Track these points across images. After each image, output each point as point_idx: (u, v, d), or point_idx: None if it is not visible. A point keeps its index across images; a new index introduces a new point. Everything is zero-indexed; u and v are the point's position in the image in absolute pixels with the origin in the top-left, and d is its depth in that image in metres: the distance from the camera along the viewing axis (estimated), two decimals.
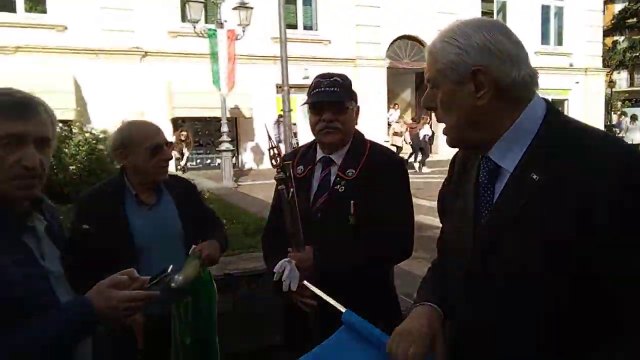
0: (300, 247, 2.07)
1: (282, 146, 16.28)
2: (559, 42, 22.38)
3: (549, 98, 1.98)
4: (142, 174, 2.29)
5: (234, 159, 15.71)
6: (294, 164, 2.22)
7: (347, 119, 2.15)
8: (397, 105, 20.37)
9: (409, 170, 2.38)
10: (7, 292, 1.35)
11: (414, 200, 2.31)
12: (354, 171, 2.14)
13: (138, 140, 2.25)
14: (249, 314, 4.01)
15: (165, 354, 2.11)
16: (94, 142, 6.35)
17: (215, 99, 13.36)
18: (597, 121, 21.26)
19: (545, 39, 21.93)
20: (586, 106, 22.35)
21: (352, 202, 2.09)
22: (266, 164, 17.04)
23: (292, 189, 2.04)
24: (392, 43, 19.25)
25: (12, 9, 14.31)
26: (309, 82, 2.34)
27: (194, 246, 2.24)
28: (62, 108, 12.39)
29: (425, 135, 17.04)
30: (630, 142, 14.95)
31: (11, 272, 1.37)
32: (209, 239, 2.35)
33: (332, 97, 2.11)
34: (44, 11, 14.71)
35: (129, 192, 2.30)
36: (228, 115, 13.54)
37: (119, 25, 14.81)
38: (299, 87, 15.88)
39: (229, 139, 13.31)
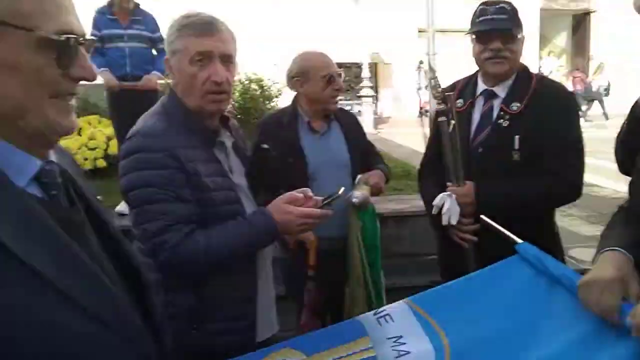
0: (460, 181, 2.06)
1: (423, 93, 15.93)
2: None
3: None
4: (315, 102, 2.41)
5: (374, 105, 15.65)
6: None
7: (516, 48, 2.06)
8: (551, 53, 18.49)
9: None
10: (205, 195, 1.56)
11: None
12: (519, 105, 2.05)
13: (315, 69, 2.37)
14: (395, 255, 4.12)
15: (336, 275, 2.25)
16: (247, 82, 6.76)
17: (356, 44, 13.27)
18: None
19: None
20: None
21: (516, 137, 2.01)
22: (405, 112, 16.80)
23: (453, 121, 2.01)
24: None
25: None
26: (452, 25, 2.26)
27: (359, 175, 2.33)
28: None
29: (600, 87, 15.56)
30: None
31: (208, 179, 1.57)
32: (373, 169, 2.45)
33: (501, 25, 2.01)
34: None
35: (301, 119, 2.45)
36: (368, 60, 13.43)
37: None
38: (443, 32, 15.16)
39: (370, 85, 13.27)
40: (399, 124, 14.28)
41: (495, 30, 2.01)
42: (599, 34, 17.91)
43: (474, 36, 2.10)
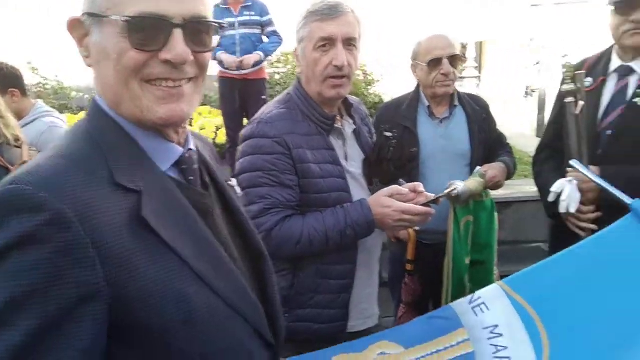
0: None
1: (532, 71, 14.95)
2: None
3: None
4: (426, 87, 2.33)
5: (477, 86, 15.04)
6: None
7: None
8: None
9: None
10: (311, 182, 1.57)
11: None
12: None
13: (422, 53, 2.28)
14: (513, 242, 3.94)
15: (437, 268, 2.17)
16: None
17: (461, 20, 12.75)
18: None
19: None
20: None
21: None
22: (510, 92, 15.92)
23: (582, 102, 1.85)
24: None
25: None
26: None
27: (479, 167, 2.23)
28: None
29: None
30: None
31: (314, 167, 1.58)
32: (496, 161, 2.30)
33: None
34: None
35: (422, 104, 2.37)
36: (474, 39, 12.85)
37: None
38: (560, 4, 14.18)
39: (475, 65, 12.71)
40: (504, 104, 13.57)
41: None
42: None
43: (612, 7, 1.90)
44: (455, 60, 2.24)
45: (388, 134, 1.87)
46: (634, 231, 1.25)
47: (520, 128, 8.40)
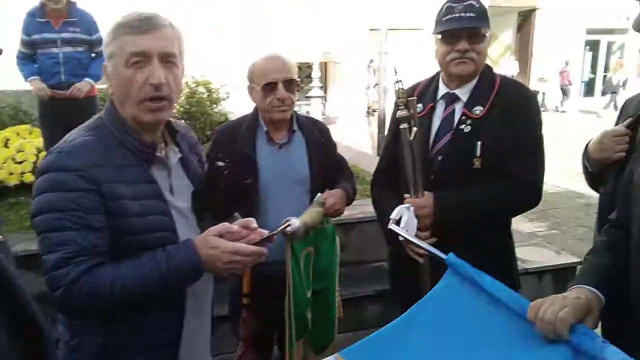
0: (419, 192, 1.90)
1: (373, 92, 15.92)
2: None
3: None
4: (262, 111, 2.19)
5: (322, 106, 15.57)
6: None
7: (483, 48, 1.92)
8: (512, 56, 18.72)
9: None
10: (126, 222, 1.32)
11: None
12: (481, 108, 1.91)
13: (257, 76, 2.13)
14: (341, 264, 3.95)
15: (276, 301, 2.04)
16: (194, 85, 6.42)
17: (307, 43, 13.10)
18: None
19: None
20: None
21: (478, 142, 1.88)
22: (353, 112, 16.80)
23: (415, 128, 1.85)
24: None
25: None
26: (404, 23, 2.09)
27: (319, 194, 2.13)
28: None
29: (619, 80, 17.17)
30: None
31: (130, 204, 1.33)
32: (336, 187, 2.22)
33: (469, 24, 1.86)
34: None
35: (261, 129, 2.21)
36: (319, 60, 13.26)
37: None
38: (394, 30, 15.28)
39: (320, 85, 13.13)
40: (347, 124, 14.23)
41: (464, 29, 1.86)
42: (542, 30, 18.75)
43: (438, 36, 1.94)
44: (291, 84, 2.13)
45: (220, 163, 1.66)
46: (456, 286, 1.25)
47: (363, 147, 8.78)
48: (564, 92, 18.51)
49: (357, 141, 9.19)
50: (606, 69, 20.18)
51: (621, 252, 1.32)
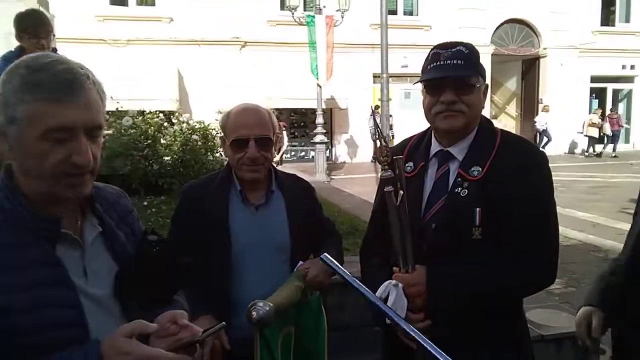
0: (409, 266, 1.63)
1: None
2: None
3: None
4: (234, 168, 1.96)
5: (327, 151, 15.49)
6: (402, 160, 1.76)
7: (474, 100, 1.66)
8: (547, 107, 18.24)
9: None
10: (5, 323, 1.02)
11: None
12: (480, 169, 1.65)
13: (228, 129, 1.91)
14: (338, 328, 3.61)
15: None
16: (189, 132, 6.25)
17: (311, 90, 13.13)
18: None
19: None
20: None
21: (477, 209, 1.61)
22: (360, 158, 16.66)
23: (402, 192, 1.58)
24: (497, 28, 18.00)
25: (124, 2, 15.05)
26: (407, 70, 1.86)
27: (300, 262, 1.87)
28: (166, 99, 12.93)
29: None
30: None
31: (21, 295, 1.04)
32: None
33: (455, 72, 1.62)
34: (153, 4, 15.37)
35: (234, 187, 1.97)
36: (323, 106, 13.25)
37: (219, 15, 15.02)
38: (397, 76, 15.34)
39: (324, 131, 13.04)
40: (354, 169, 14.06)
41: (448, 79, 1.63)
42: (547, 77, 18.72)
43: (423, 86, 1.71)
44: (265, 143, 1.89)
45: (153, 237, 1.30)
46: None
47: (368, 195, 8.52)
48: (614, 138, 18.33)
49: (363, 189, 8.93)
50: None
51: None
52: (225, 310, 1.81)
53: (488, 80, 1.86)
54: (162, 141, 5.95)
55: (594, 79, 19.51)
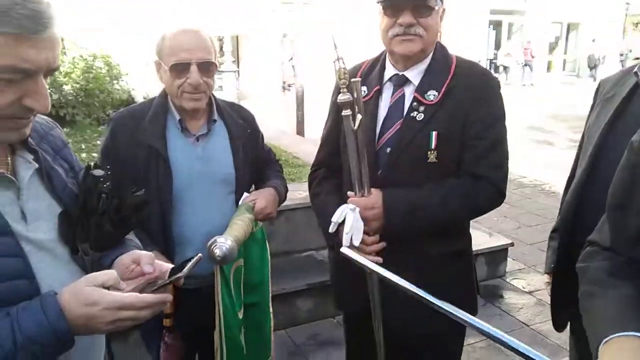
0: (365, 190, 1.63)
1: (287, 66, 15.51)
2: None
3: None
4: (172, 97, 1.78)
5: (235, 80, 15.00)
6: None
7: (432, 23, 1.62)
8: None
9: None
10: None
11: None
12: (436, 93, 1.64)
13: (165, 53, 1.71)
14: (287, 253, 3.65)
15: (205, 320, 1.73)
16: (90, 58, 5.70)
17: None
18: None
19: None
20: None
21: (433, 133, 1.62)
22: (267, 87, 16.35)
23: (360, 116, 1.55)
24: None
25: None
26: None
27: (246, 194, 1.79)
28: None
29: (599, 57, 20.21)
30: None
31: None
32: (266, 186, 1.91)
33: None
34: None
35: (172, 117, 1.80)
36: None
37: None
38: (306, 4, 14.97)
39: (232, 59, 12.56)
40: (262, 99, 13.80)
41: (406, 0, 1.57)
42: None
43: (381, 7, 1.64)
44: (208, 67, 1.73)
45: (98, 172, 1.17)
46: None
47: (282, 125, 8.43)
48: (529, 67, 20.15)
49: (275, 118, 8.81)
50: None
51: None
52: (168, 248, 1.73)
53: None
54: (60, 69, 5.41)
55: (492, 12, 20.41)
